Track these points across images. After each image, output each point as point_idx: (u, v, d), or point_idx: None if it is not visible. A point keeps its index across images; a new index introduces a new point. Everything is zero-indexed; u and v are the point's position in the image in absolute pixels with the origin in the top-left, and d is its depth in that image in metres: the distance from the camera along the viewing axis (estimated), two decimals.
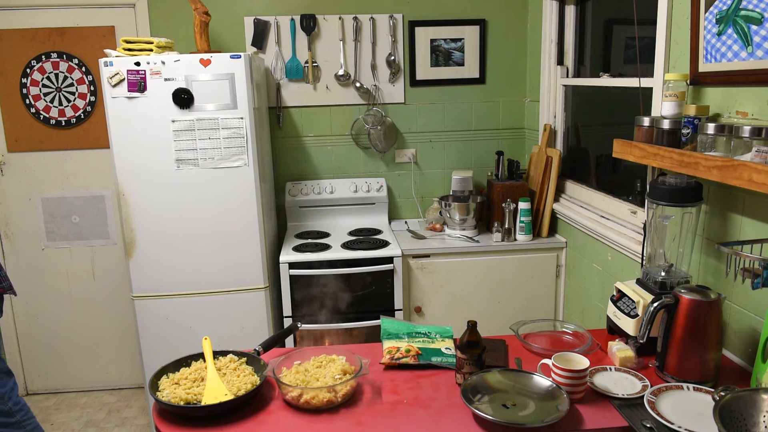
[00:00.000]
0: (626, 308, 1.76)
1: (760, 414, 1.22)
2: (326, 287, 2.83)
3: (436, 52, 3.30)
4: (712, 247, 1.76)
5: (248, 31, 3.18)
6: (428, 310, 2.95)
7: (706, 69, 1.72)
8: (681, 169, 1.63)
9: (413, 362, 1.70)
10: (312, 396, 1.48)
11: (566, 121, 3.04)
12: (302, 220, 3.34)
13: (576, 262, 2.83)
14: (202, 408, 1.46)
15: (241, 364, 1.66)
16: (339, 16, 3.21)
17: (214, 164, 2.65)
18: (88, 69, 3.19)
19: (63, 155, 3.27)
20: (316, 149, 3.36)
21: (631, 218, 2.37)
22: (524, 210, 2.91)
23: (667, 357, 1.58)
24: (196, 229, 2.71)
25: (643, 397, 1.46)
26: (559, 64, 3.01)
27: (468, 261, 2.92)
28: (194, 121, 2.61)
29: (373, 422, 1.44)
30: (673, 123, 1.74)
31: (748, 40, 1.54)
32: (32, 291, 3.39)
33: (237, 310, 2.79)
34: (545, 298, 3.00)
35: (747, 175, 1.37)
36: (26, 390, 3.50)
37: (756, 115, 1.56)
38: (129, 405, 3.33)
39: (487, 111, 3.40)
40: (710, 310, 1.53)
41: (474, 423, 1.42)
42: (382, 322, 1.91)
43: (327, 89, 3.29)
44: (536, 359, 1.65)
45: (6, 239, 3.33)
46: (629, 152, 1.88)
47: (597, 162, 2.92)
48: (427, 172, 3.44)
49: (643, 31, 2.13)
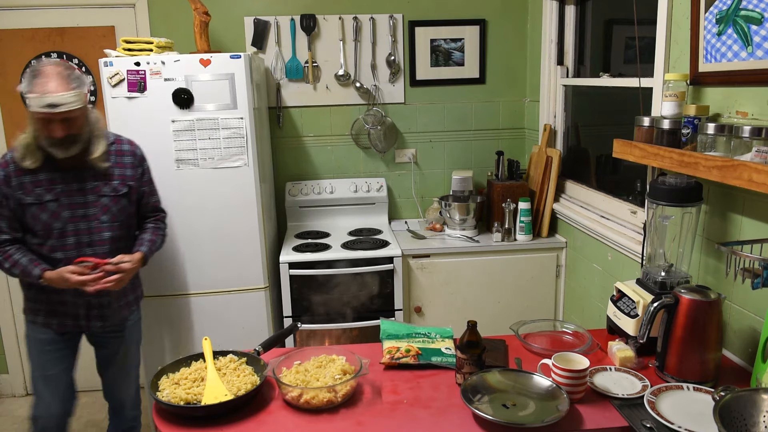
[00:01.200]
0: (626, 308, 1.76)
1: (760, 414, 1.22)
2: (326, 287, 2.83)
3: (436, 52, 3.30)
4: (712, 247, 1.76)
5: (248, 31, 3.18)
6: (428, 310, 2.95)
7: (706, 69, 1.72)
8: (681, 169, 1.63)
9: (413, 362, 1.70)
10: (312, 396, 1.48)
11: (566, 121, 3.04)
12: (302, 220, 3.34)
13: (576, 262, 2.83)
14: (202, 408, 1.46)
15: (241, 364, 1.66)
16: (339, 16, 3.21)
17: (214, 164, 2.65)
18: (88, 69, 3.19)
19: None
20: (316, 149, 3.36)
21: (631, 218, 2.37)
22: (524, 210, 2.91)
23: (667, 357, 1.58)
24: (196, 229, 2.70)
25: (643, 397, 1.46)
26: (559, 64, 3.01)
27: (468, 261, 2.92)
28: (194, 121, 2.60)
29: (373, 422, 1.44)
30: (673, 123, 1.74)
31: (748, 40, 1.54)
32: None
33: (237, 310, 2.79)
34: (545, 298, 3.00)
35: (747, 175, 1.37)
36: (26, 390, 3.50)
37: (756, 115, 1.56)
38: None
39: (487, 111, 3.40)
40: (710, 310, 1.53)
41: (474, 423, 1.42)
42: (382, 324, 1.91)
43: (327, 89, 3.29)
44: (536, 359, 1.65)
45: None
46: (629, 152, 1.88)
47: (597, 162, 2.92)
48: (427, 172, 3.44)
49: (643, 31, 2.13)
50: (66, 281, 2.00)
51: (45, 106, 1.87)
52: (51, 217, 2.03)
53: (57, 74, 1.91)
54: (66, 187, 2.05)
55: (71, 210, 2.06)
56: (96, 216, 2.11)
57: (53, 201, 2.03)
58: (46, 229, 2.04)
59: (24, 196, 2.01)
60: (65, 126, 1.94)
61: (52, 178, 2.03)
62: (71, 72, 1.95)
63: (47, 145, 1.96)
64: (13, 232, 2.04)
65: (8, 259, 2.03)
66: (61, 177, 2.04)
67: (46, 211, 2.03)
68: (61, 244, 2.06)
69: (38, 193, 2.02)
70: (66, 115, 1.92)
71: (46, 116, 1.90)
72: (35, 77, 1.89)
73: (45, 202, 2.03)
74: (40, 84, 1.88)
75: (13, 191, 2.01)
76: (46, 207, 2.03)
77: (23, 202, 2.01)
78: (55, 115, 1.90)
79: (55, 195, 2.03)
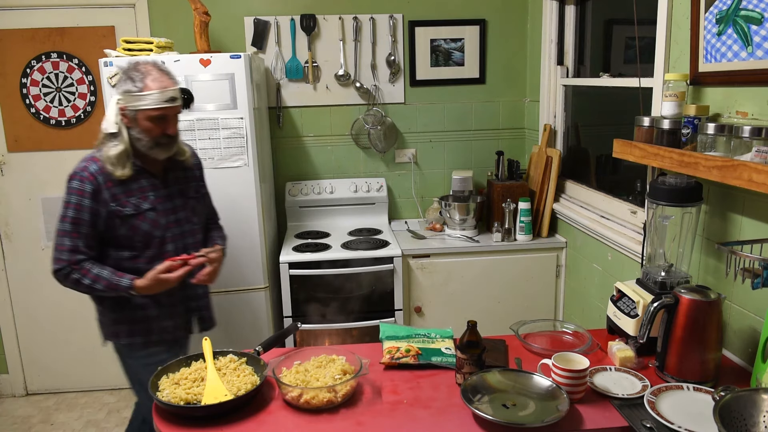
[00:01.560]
0: (626, 308, 1.76)
1: (760, 414, 1.22)
2: (326, 287, 2.83)
3: (436, 52, 3.30)
4: (712, 247, 1.76)
5: (248, 31, 3.18)
6: (428, 310, 2.95)
7: (706, 69, 1.72)
8: (681, 169, 1.63)
9: (413, 362, 1.70)
10: (312, 396, 1.48)
11: (566, 121, 3.04)
12: (302, 220, 3.34)
13: (576, 262, 2.83)
14: (202, 408, 1.46)
15: (241, 364, 1.66)
16: (339, 16, 3.21)
17: (214, 164, 2.65)
18: (88, 69, 3.19)
19: (63, 155, 3.26)
20: (316, 149, 3.36)
21: (631, 218, 2.37)
22: (524, 210, 2.91)
23: (667, 357, 1.58)
24: None
25: (643, 397, 1.46)
26: (559, 64, 3.01)
27: (468, 261, 2.92)
28: (194, 121, 2.60)
29: (373, 422, 1.44)
30: (673, 123, 1.74)
31: (748, 40, 1.54)
32: (32, 291, 3.38)
33: (237, 310, 2.79)
34: (545, 298, 3.00)
35: (747, 175, 1.37)
36: (26, 390, 3.50)
37: (756, 115, 1.56)
38: (129, 405, 3.33)
39: (487, 111, 3.40)
40: (710, 310, 1.53)
41: (474, 423, 1.42)
42: (381, 327, 1.90)
43: (327, 89, 3.29)
44: (536, 359, 1.65)
45: (6, 239, 3.33)
46: (629, 152, 1.88)
47: (597, 162, 2.92)
48: (427, 172, 3.44)
49: (643, 31, 2.13)
50: (165, 282, 1.87)
51: (167, 101, 1.83)
52: (151, 226, 1.93)
53: (162, 70, 1.87)
54: (157, 193, 1.96)
55: (166, 216, 1.97)
56: (187, 219, 2.04)
57: (151, 209, 1.93)
58: (146, 239, 1.93)
59: (120, 207, 1.88)
60: (175, 122, 1.90)
61: (142, 186, 1.93)
62: (166, 67, 1.91)
63: (149, 147, 1.88)
64: (89, 251, 1.88)
65: (87, 275, 1.85)
66: (150, 183, 1.95)
67: (146, 221, 1.92)
68: (160, 253, 1.95)
69: (135, 203, 1.91)
70: (178, 109, 1.90)
71: (165, 112, 1.84)
72: (145, 75, 1.83)
73: (144, 212, 1.92)
74: (156, 80, 1.83)
75: (105, 206, 1.87)
76: (146, 216, 1.92)
77: (121, 215, 1.88)
78: (172, 110, 1.86)
79: (151, 203, 1.94)
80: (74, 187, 1.87)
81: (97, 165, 1.88)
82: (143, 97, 1.82)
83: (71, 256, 1.85)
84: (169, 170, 2.02)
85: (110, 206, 1.88)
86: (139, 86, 1.82)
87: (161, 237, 1.96)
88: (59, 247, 1.86)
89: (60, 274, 1.87)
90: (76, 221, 1.86)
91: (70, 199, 1.87)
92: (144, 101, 1.82)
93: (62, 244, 1.86)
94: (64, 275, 1.87)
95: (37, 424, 3.18)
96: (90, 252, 1.89)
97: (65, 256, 1.85)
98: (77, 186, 1.86)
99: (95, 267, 1.87)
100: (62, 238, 1.86)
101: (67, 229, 1.86)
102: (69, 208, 1.86)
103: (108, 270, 1.88)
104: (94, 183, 1.86)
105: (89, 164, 1.89)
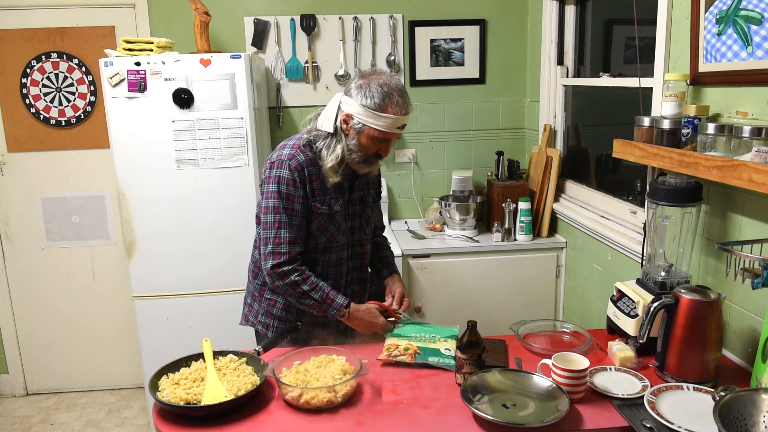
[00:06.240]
0: (626, 308, 1.76)
1: (760, 414, 1.22)
2: None
3: (436, 52, 3.30)
4: (712, 247, 1.76)
5: (248, 31, 3.18)
6: (428, 310, 2.95)
7: (706, 69, 1.72)
8: (681, 169, 1.63)
9: (410, 360, 1.70)
10: (312, 396, 1.48)
11: (566, 121, 3.04)
12: None
13: (576, 262, 2.83)
14: (202, 408, 1.46)
15: (241, 364, 1.65)
16: (339, 16, 3.21)
17: (215, 164, 2.65)
18: (88, 69, 3.19)
19: (63, 155, 3.27)
20: None
21: (631, 218, 2.37)
22: (524, 210, 2.91)
23: (667, 357, 1.58)
24: (196, 229, 2.71)
25: (643, 397, 1.46)
26: (559, 64, 3.01)
27: (468, 261, 2.92)
28: (194, 121, 2.61)
29: (373, 422, 1.44)
30: (673, 123, 1.74)
31: (748, 40, 1.54)
32: (32, 291, 3.39)
33: (237, 310, 2.78)
34: (545, 298, 3.00)
35: (747, 175, 1.37)
36: (26, 390, 3.50)
37: (756, 115, 1.56)
38: (129, 405, 3.33)
39: (487, 111, 3.40)
40: (710, 310, 1.53)
41: (474, 423, 1.42)
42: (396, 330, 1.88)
43: (327, 89, 3.29)
44: (536, 359, 1.65)
45: (6, 239, 3.33)
46: (629, 152, 1.88)
47: (597, 162, 2.92)
48: (427, 172, 3.44)
49: (643, 31, 2.13)
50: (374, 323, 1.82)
51: (399, 128, 1.74)
52: (336, 229, 1.85)
53: (403, 95, 1.74)
54: (343, 196, 1.86)
55: (346, 222, 1.89)
56: (362, 228, 1.95)
57: (339, 212, 1.84)
58: (329, 242, 1.84)
59: (319, 204, 1.80)
60: (391, 145, 1.81)
61: (335, 187, 1.83)
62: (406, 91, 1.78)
63: (357, 161, 1.79)
64: (303, 245, 1.78)
65: (307, 281, 1.75)
66: (340, 186, 1.84)
67: (333, 223, 1.84)
68: (337, 259, 1.88)
69: (329, 203, 1.81)
70: (400, 135, 1.80)
71: (391, 137, 1.75)
72: (388, 96, 1.71)
73: (334, 213, 1.83)
74: (397, 105, 1.71)
75: (306, 200, 1.78)
76: (334, 218, 1.83)
77: (318, 212, 1.80)
78: (396, 136, 1.77)
79: (340, 206, 1.85)
80: (284, 176, 1.75)
81: (304, 156, 1.78)
82: (379, 118, 1.71)
83: (292, 248, 1.75)
84: (357, 176, 1.90)
85: (310, 201, 1.79)
86: (379, 104, 1.70)
87: (343, 243, 1.89)
88: (276, 240, 1.74)
89: (280, 270, 1.74)
90: (290, 212, 1.76)
91: (280, 189, 1.75)
92: (378, 122, 1.71)
93: (279, 236, 1.74)
94: (284, 273, 1.74)
95: (37, 424, 3.18)
96: (303, 246, 1.79)
97: (285, 249, 1.73)
98: (287, 176, 1.75)
99: (313, 275, 1.78)
100: (278, 229, 1.74)
101: (283, 220, 1.75)
102: (280, 198, 1.75)
103: (324, 282, 1.79)
104: (302, 174, 1.76)
105: (296, 153, 1.78)
